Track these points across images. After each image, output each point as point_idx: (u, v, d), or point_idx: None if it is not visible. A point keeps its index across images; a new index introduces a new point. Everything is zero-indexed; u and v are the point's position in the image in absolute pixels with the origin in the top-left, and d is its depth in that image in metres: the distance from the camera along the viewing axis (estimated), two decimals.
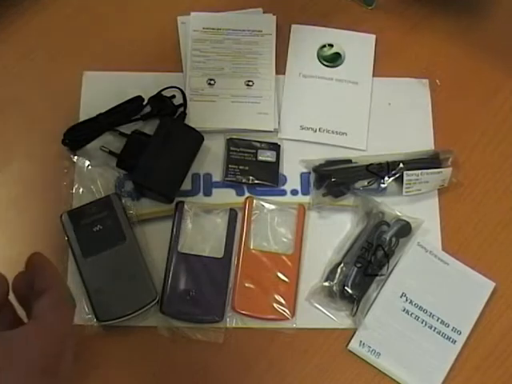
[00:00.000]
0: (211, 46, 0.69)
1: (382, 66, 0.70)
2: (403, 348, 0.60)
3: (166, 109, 0.65)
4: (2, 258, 0.62)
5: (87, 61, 0.68)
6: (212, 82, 0.67)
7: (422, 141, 0.67)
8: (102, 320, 0.58)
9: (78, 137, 0.64)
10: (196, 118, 0.66)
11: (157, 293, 0.59)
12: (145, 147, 0.62)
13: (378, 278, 0.61)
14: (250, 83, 0.68)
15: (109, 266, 0.59)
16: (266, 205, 0.64)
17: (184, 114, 0.65)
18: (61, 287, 0.41)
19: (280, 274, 0.62)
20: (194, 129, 0.63)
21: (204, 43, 0.69)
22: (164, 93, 0.66)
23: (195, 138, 0.64)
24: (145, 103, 0.66)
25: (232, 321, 0.60)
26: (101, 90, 0.67)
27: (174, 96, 0.66)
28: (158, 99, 0.66)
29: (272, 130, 0.66)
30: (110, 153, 0.64)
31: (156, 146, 0.62)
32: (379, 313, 0.61)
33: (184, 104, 0.66)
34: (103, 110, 0.65)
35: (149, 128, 0.65)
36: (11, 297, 0.42)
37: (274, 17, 0.70)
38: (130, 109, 0.65)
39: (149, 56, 0.69)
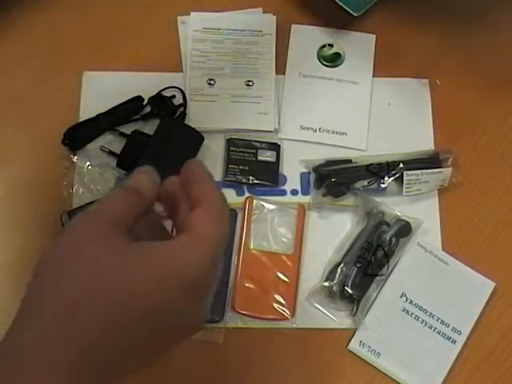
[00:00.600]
0: (211, 46, 0.69)
1: (382, 66, 0.70)
2: (403, 348, 0.60)
3: (166, 109, 0.66)
4: (1, 257, 0.62)
5: (87, 61, 0.68)
6: (212, 82, 0.67)
7: (422, 141, 0.67)
8: None
9: (77, 137, 0.64)
10: (196, 118, 0.66)
11: None
12: (145, 147, 0.62)
13: (378, 277, 0.61)
14: (250, 83, 0.68)
15: None
16: (266, 205, 0.64)
17: (184, 114, 0.66)
18: (220, 198, 0.38)
19: (280, 274, 0.62)
20: (193, 129, 0.63)
21: (204, 43, 0.69)
22: (164, 93, 0.66)
23: (195, 138, 0.64)
24: (145, 103, 0.66)
25: (232, 321, 0.60)
26: (101, 90, 0.67)
27: (173, 96, 0.66)
28: (158, 99, 0.66)
29: (272, 130, 0.66)
30: (110, 153, 0.64)
31: (156, 146, 0.62)
32: (379, 313, 0.61)
33: (184, 104, 0.66)
34: (103, 110, 0.65)
35: (149, 128, 0.65)
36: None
37: (274, 17, 0.70)
38: (129, 109, 0.65)
39: (149, 56, 0.69)
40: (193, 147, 0.64)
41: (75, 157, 0.64)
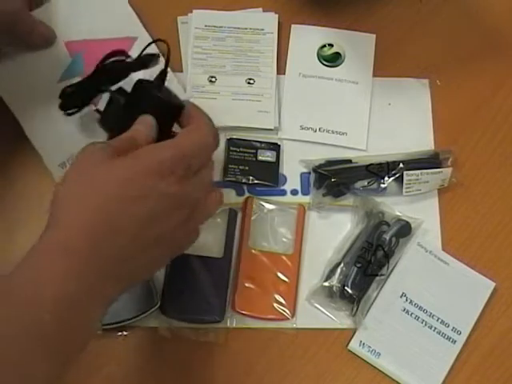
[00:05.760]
0: (213, 43, 0.68)
1: (382, 66, 0.70)
2: (403, 348, 0.60)
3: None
4: (2, 258, 0.62)
5: None
6: (213, 79, 0.67)
7: (422, 141, 0.67)
8: (102, 324, 0.58)
9: (71, 99, 0.61)
10: None
11: (158, 298, 0.59)
12: (123, 107, 0.56)
13: (378, 277, 0.61)
14: (251, 81, 0.67)
15: None
16: (266, 205, 0.64)
17: (164, 76, 0.57)
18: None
19: (280, 274, 0.61)
20: (172, 92, 0.56)
21: (206, 40, 0.69)
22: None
23: (172, 104, 0.55)
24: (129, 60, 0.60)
25: (232, 321, 0.60)
26: None
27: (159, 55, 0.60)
28: (141, 61, 0.60)
29: (272, 128, 0.66)
30: (98, 111, 0.60)
31: (132, 108, 0.55)
32: (379, 313, 0.61)
33: (165, 67, 0.57)
34: None
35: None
36: None
37: (276, 15, 0.70)
38: (113, 66, 0.60)
39: None
40: (169, 111, 0.55)
41: None
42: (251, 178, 0.65)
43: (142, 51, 0.59)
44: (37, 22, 0.63)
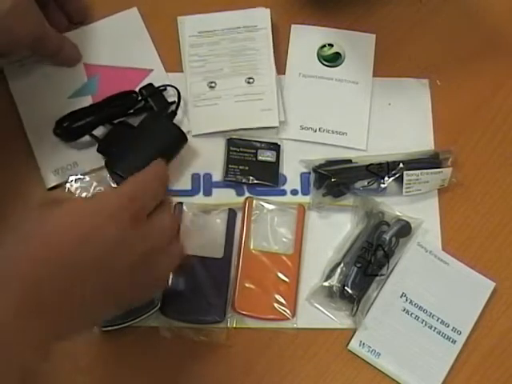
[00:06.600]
0: (208, 48, 0.68)
1: (382, 66, 0.70)
2: (403, 348, 0.60)
3: (158, 103, 0.65)
4: None
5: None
6: (213, 84, 0.67)
7: (422, 141, 0.67)
8: (102, 326, 0.58)
9: (72, 129, 0.63)
10: (200, 123, 0.66)
11: (159, 299, 0.59)
12: (126, 137, 0.61)
13: (378, 278, 0.61)
14: (251, 80, 0.67)
15: None
16: (266, 205, 0.64)
17: (175, 113, 0.64)
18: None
19: (280, 274, 0.62)
20: (179, 128, 0.62)
21: (201, 47, 0.68)
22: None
23: (178, 138, 0.62)
24: (139, 98, 0.65)
25: (233, 321, 0.60)
26: None
27: (165, 88, 0.66)
28: (152, 93, 0.65)
29: (277, 125, 0.66)
30: (93, 136, 0.63)
31: (137, 137, 0.61)
32: (379, 313, 0.61)
33: (177, 103, 0.64)
34: None
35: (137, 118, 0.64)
36: None
37: (268, 9, 0.69)
38: (123, 104, 0.65)
39: None
40: (173, 146, 0.62)
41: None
42: (251, 177, 0.65)
43: (150, 87, 0.65)
44: (63, 44, 0.65)
